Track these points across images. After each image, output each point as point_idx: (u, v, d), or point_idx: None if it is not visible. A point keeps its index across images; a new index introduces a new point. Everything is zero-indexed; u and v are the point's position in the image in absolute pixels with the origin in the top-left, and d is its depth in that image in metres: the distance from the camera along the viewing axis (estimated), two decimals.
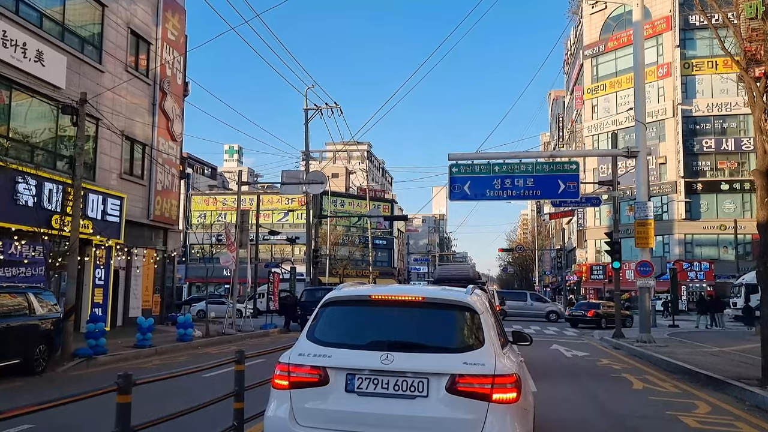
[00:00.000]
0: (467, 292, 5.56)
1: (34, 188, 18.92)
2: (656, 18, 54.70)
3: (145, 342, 18.03)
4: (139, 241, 26.48)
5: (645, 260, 22.82)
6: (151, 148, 26.60)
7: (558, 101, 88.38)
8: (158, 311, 28.17)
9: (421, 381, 4.77)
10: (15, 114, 19.57)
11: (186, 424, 6.54)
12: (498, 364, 4.79)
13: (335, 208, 78.61)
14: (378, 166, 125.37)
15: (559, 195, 23.60)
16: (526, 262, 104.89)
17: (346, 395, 4.84)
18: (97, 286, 23.23)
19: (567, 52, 79.50)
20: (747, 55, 24.33)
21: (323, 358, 4.94)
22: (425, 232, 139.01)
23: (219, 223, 54.27)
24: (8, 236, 18.39)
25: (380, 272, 77.84)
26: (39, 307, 14.01)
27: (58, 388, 11.84)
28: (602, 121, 59.52)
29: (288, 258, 58.21)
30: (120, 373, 4.59)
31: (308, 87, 58.13)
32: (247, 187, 65.35)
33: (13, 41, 18.54)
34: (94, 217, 21.90)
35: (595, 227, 60.59)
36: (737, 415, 9.90)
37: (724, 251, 52.58)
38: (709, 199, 53.39)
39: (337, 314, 5.46)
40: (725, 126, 53.37)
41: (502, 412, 4.66)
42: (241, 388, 6.60)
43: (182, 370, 6.02)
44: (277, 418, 4.95)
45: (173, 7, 28.72)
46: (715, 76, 52.99)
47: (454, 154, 23.13)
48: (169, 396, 9.55)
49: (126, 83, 24.60)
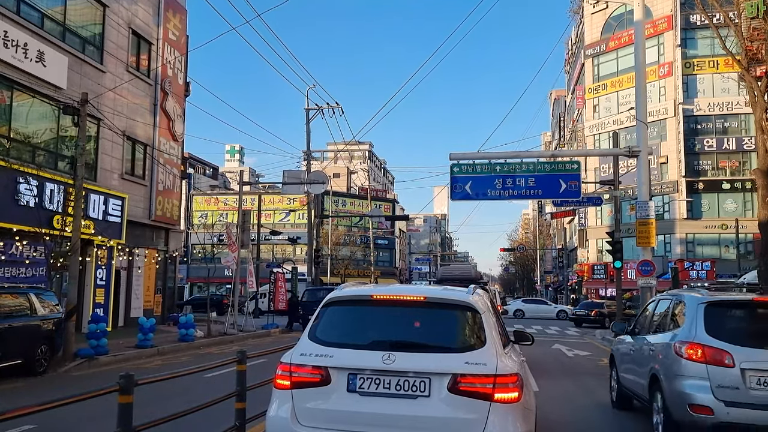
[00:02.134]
0: (469, 291, 5.56)
1: (35, 188, 18.91)
2: (657, 17, 54.64)
3: (147, 342, 18.04)
4: (141, 242, 26.49)
5: (646, 259, 22.78)
6: (152, 148, 26.59)
7: (559, 101, 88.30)
8: (160, 311, 28.18)
9: (422, 381, 4.77)
10: (16, 114, 19.57)
11: (188, 425, 6.55)
12: (500, 364, 4.79)
13: (337, 208, 78.60)
14: (379, 166, 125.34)
15: (561, 194, 23.56)
16: (528, 261, 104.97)
17: (347, 395, 4.84)
18: (99, 286, 23.24)
19: (568, 52, 79.45)
20: (748, 54, 24.31)
21: (325, 358, 4.95)
22: (427, 232, 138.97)
23: (220, 224, 54.31)
24: (10, 236, 18.39)
25: (382, 272, 77.83)
26: (40, 308, 14.02)
27: (60, 388, 11.85)
28: (603, 120, 59.46)
29: (289, 258, 58.33)
30: (122, 374, 4.60)
31: (309, 87, 58.20)
32: (248, 187, 65.32)
33: (14, 41, 18.54)
34: (96, 217, 21.90)
35: (596, 227, 60.52)
36: None
37: (725, 250, 52.51)
38: (711, 199, 53.33)
39: (338, 314, 5.47)
40: (726, 125, 53.29)
41: (503, 412, 4.67)
42: (243, 389, 6.61)
43: (184, 370, 6.03)
44: (279, 418, 4.95)
45: (174, 8, 28.72)
46: (717, 76, 52.91)
47: (456, 154, 23.11)
48: (170, 396, 9.56)
49: (127, 83, 24.60)
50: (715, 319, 7.43)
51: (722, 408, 6.83)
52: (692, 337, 7.35)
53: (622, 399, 10.11)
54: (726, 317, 7.70)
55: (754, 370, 6.87)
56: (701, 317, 7.45)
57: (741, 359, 6.92)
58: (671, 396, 7.41)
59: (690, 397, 7.06)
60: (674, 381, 7.38)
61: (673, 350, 7.57)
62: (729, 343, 7.07)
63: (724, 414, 6.82)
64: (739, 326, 7.65)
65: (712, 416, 6.88)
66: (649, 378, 8.26)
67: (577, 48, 69.91)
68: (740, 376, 6.88)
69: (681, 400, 7.18)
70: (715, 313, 7.52)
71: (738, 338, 7.22)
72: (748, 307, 7.89)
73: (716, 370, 6.97)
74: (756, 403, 6.75)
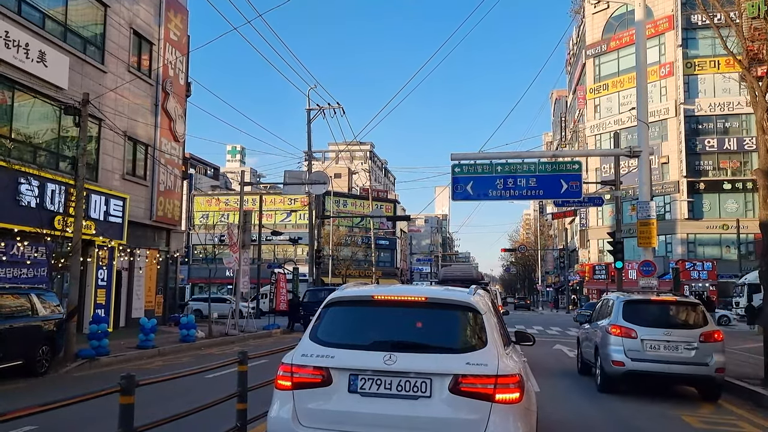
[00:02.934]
0: (470, 292, 5.55)
1: (36, 189, 18.92)
2: (658, 17, 54.65)
3: (148, 343, 18.04)
4: (142, 242, 26.50)
5: (648, 260, 22.76)
6: (153, 148, 26.60)
7: (560, 101, 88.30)
8: (161, 312, 28.19)
9: (424, 381, 4.77)
10: (18, 115, 19.58)
11: (189, 425, 6.54)
12: (501, 365, 4.79)
13: (338, 208, 78.61)
14: (381, 166, 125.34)
15: (562, 195, 23.54)
16: (529, 262, 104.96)
17: (349, 396, 4.84)
18: (100, 286, 23.25)
19: (569, 52, 79.46)
20: (749, 54, 24.26)
21: (326, 359, 4.94)
22: (428, 233, 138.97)
23: (222, 224, 54.31)
24: (11, 237, 18.40)
25: (383, 272, 77.82)
26: (41, 308, 14.02)
27: (61, 389, 11.85)
28: (605, 120, 59.48)
29: (291, 258, 58.23)
30: (123, 374, 4.59)
31: (311, 87, 58.38)
32: (249, 188, 65.46)
33: (15, 42, 18.55)
34: (97, 217, 21.91)
35: (597, 227, 60.54)
36: (740, 415, 9.90)
37: (726, 251, 52.51)
38: (712, 199, 53.33)
39: (340, 315, 5.46)
40: (727, 125, 53.30)
41: (505, 413, 4.67)
42: (244, 389, 6.61)
43: (185, 371, 6.03)
44: (280, 419, 4.95)
45: (175, 8, 28.73)
46: (718, 76, 52.90)
47: (457, 154, 23.10)
48: (172, 397, 9.56)
49: (128, 84, 24.61)
50: (628, 310, 12.20)
51: (630, 362, 11.55)
52: (615, 321, 12.06)
53: (583, 367, 14.84)
54: (635, 309, 12.32)
55: (647, 340, 11.59)
56: (621, 309, 12.24)
57: (641, 334, 11.65)
58: (603, 357, 12.13)
59: (613, 356, 11.75)
60: (605, 348, 12.05)
61: (605, 330, 12.29)
62: (635, 325, 11.81)
63: (630, 365, 11.54)
64: (641, 314, 12.17)
65: (623, 367, 11.61)
66: (594, 348, 13.07)
67: (579, 48, 69.91)
68: (640, 343, 11.59)
69: (608, 358, 11.85)
70: (628, 307, 12.29)
71: (640, 321, 11.89)
72: (647, 303, 12.76)
73: (627, 340, 11.71)
74: (647, 359, 11.49)
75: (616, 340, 11.77)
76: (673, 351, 11.41)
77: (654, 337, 11.53)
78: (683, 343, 11.42)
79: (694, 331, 11.58)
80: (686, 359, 11.31)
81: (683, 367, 11.31)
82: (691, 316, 12.16)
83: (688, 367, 11.29)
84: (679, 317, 12.31)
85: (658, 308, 12.54)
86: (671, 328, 11.66)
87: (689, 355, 11.32)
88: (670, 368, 11.35)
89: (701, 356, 11.25)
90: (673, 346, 11.45)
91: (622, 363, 11.55)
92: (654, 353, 11.46)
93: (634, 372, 11.52)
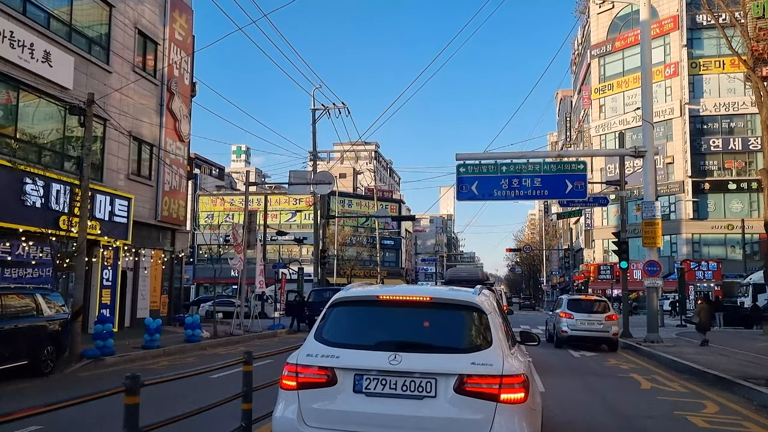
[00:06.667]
0: (475, 292, 5.56)
1: (41, 189, 18.96)
2: (663, 17, 54.56)
3: (153, 343, 18.06)
4: (147, 242, 26.54)
5: (652, 260, 22.76)
6: (158, 148, 26.64)
7: (565, 101, 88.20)
8: (166, 312, 28.24)
9: (429, 381, 4.77)
10: (23, 115, 19.63)
11: (194, 425, 6.55)
12: (506, 365, 4.78)
13: (343, 208, 78.53)
14: (386, 166, 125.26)
15: (567, 195, 23.58)
16: (534, 262, 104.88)
17: (354, 396, 4.84)
18: (105, 287, 23.28)
19: (574, 52, 79.32)
20: (754, 54, 24.24)
21: (331, 359, 4.94)
22: (433, 233, 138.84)
23: (227, 224, 54.40)
24: (16, 237, 18.43)
25: (388, 272, 77.71)
26: (47, 309, 14.05)
27: (66, 389, 11.87)
28: (609, 120, 59.39)
29: (296, 258, 58.30)
30: (128, 374, 4.59)
31: (315, 87, 58.35)
32: (254, 188, 65.33)
33: (20, 42, 18.59)
34: (102, 218, 21.95)
35: (602, 227, 60.48)
36: (745, 415, 9.86)
37: (731, 251, 52.38)
38: (717, 199, 53.23)
39: (345, 315, 5.46)
40: (732, 125, 53.19)
41: (510, 413, 4.66)
42: (249, 389, 6.60)
43: (190, 371, 6.03)
44: (285, 419, 4.95)
45: (180, 8, 28.77)
46: (723, 76, 52.81)
47: (462, 154, 23.11)
48: (177, 397, 9.56)
49: (133, 84, 24.64)
50: (570, 303, 22.17)
51: (570, 331, 21.26)
52: (562, 310, 21.88)
53: (549, 337, 23.86)
54: (573, 303, 22.21)
55: (579, 319, 21.30)
56: (566, 303, 22.33)
57: (576, 316, 21.34)
58: (556, 329, 22.08)
59: (561, 328, 21.52)
60: (558, 324, 21.86)
61: (557, 315, 22.16)
62: (573, 311, 21.56)
63: (570, 333, 21.28)
64: (576, 306, 21.83)
65: (566, 333, 21.31)
66: (552, 325, 23.13)
67: (583, 48, 69.81)
68: (575, 321, 21.28)
69: (558, 329, 21.70)
70: (570, 301, 22.54)
71: (576, 309, 21.65)
72: (580, 300, 22.85)
73: (569, 320, 21.36)
74: (579, 329, 21.23)
75: (563, 319, 21.55)
76: (592, 325, 21.21)
77: (582, 318, 21.35)
78: (596, 321, 21.20)
79: (602, 315, 21.39)
80: (598, 329, 21.16)
81: (597, 333, 21.21)
82: (602, 306, 21.89)
83: (599, 333, 21.20)
84: (595, 308, 21.79)
85: (586, 302, 22.39)
86: (591, 314, 21.42)
87: (599, 327, 21.15)
88: (591, 334, 21.21)
89: (606, 327, 21.13)
90: (591, 322, 21.22)
91: (566, 331, 21.35)
92: (582, 326, 21.25)
93: (572, 336, 21.33)
